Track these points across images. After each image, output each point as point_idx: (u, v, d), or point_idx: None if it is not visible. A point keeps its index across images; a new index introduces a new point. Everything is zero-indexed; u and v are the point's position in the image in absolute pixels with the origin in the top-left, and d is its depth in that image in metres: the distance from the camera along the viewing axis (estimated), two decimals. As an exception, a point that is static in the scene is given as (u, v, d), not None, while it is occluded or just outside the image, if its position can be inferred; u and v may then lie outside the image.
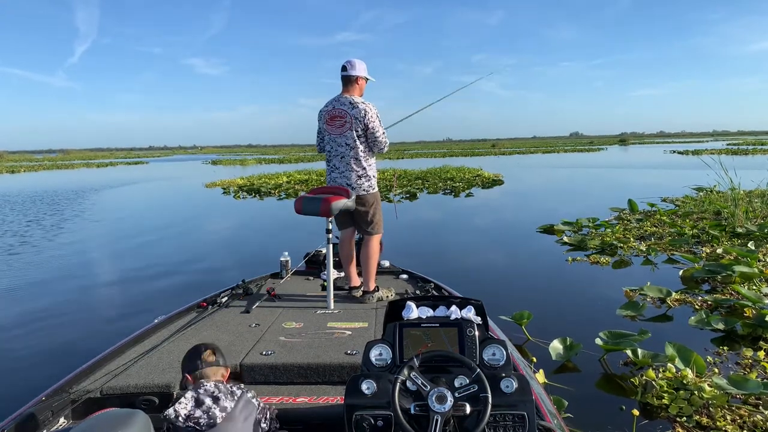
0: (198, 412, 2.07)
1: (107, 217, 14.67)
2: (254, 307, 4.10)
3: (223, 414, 2.08)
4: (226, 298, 4.33)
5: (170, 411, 2.06)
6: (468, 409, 1.79)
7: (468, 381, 1.86)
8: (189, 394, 2.12)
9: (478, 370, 1.87)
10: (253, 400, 2.22)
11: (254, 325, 3.68)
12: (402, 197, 17.57)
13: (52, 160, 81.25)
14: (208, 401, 2.10)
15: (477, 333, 2.09)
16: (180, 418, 2.05)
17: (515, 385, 1.87)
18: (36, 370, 4.51)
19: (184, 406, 2.08)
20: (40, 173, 44.51)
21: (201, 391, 2.13)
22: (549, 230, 10.38)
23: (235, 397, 2.15)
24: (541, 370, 3.94)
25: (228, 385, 2.21)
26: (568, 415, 3.39)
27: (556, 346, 4.40)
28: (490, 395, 1.79)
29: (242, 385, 2.26)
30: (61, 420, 2.65)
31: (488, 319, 2.25)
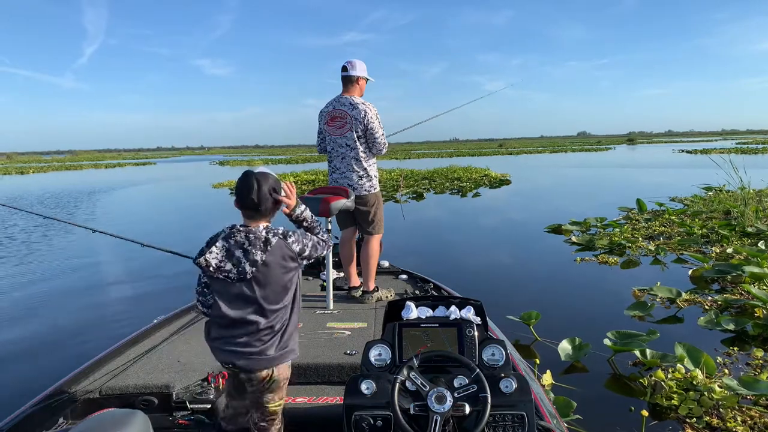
0: (228, 265, 2.05)
1: (117, 221, 14.74)
2: None
3: (254, 269, 2.04)
4: None
5: (201, 260, 2.06)
6: (467, 409, 1.77)
7: (467, 381, 1.84)
8: (220, 244, 2.08)
9: (478, 370, 1.84)
10: (294, 245, 2.12)
11: None
12: (409, 197, 17.53)
13: (61, 161, 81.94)
14: (238, 253, 2.05)
15: (476, 333, 2.07)
16: (211, 268, 2.05)
17: (514, 385, 1.85)
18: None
19: (214, 256, 2.05)
20: (49, 174, 44.86)
21: (232, 242, 2.08)
22: (557, 230, 10.31)
23: (269, 247, 2.06)
24: (548, 371, 3.89)
25: (264, 231, 2.10)
26: (578, 416, 3.34)
27: (564, 347, 4.35)
28: (489, 395, 1.77)
29: (282, 229, 2.15)
30: (61, 420, 2.64)
31: (488, 319, 2.22)
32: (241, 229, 2.12)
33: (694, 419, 3.28)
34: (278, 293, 2.13)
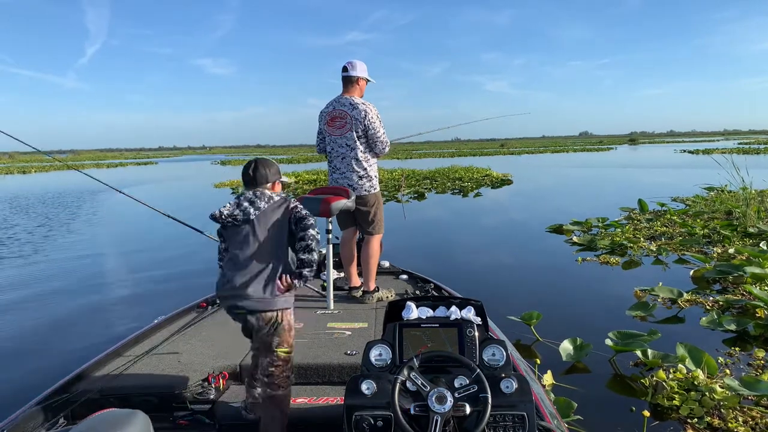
0: (236, 211, 2.50)
1: (118, 220, 14.77)
2: None
3: (257, 212, 2.48)
4: None
5: (216, 212, 2.52)
6: (468, 409, 1.77)
7: (468, 381, 1.84)
8: (232, 200, 2.55)
9: (478, 370, 1.84)
10: (293, 205, 2.54)
11: None
12: (410, 197, 17.53)
13: (63, 161, 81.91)
14: (245, 204, 2.51)
15: (477, 333, 2.06)
16: (222, 216, 2.50)
17: (515, 385, 1.85)
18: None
19: (226, 208, 2.52)
20: (51, 173, 44.85)
21: (242, 198, 2.55)
22: (558, 230, 10.29)
23: (271, 201, 2.52)
24: (549, 371, 3.88)
25: (269, 191, 2.57)
26: (579, 417, 3.33)
27: (566, 347, 4.34)
28: (489, 395, 1.77)
29: (286, 195, 2.60)
30: (61, 420, 2.63)
31: (488, 319, 2.22)
32: (252, 190, 2.57)
33: (696, 420, 3.27)
34: (274, 237, 2.49)
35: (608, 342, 4.30)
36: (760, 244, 7.82)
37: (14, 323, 5.80)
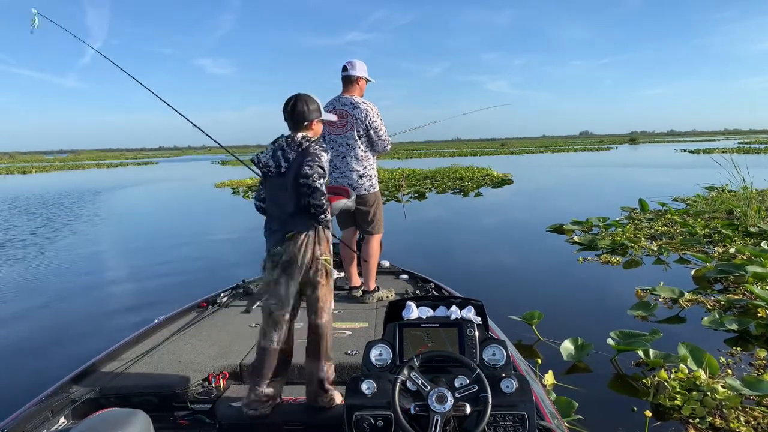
0: (271, 162, 2.58)
1: (119, 221, 14.77)
2: (254, 307, 4.07)
3: (287, 164, 2.54)
4: (226, 298, 4.31)
5: (254, 158, 2.64)
6: (468, 409, 1.76)
7: (468, 381, 1.83)
8: (269, 147, 2.63)
9: (478, 370, 1.84)
10: (322, 155, 2.54)
11: (254, 325, 3.64)
12: (411, 197, 17.52)
13: (63, 161, 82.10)
14: (278, 153, 2.58)
15: (477, 333, 2.06)
16: (260, 164, 2.61)
17: (515, 385, 1.84)
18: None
19: (264, 155, 2.62)
20: (51, 174, 44.91)
21: (276, 145, 2.61)
22: (558, 230, 10.28)
23: (300, 149, 2.55)
24: (550, 371, 3.86)
25: (301, 138, 2.58)
26: (579, 416, 3.32)
27: (567, 347, 4.33)
28: (490, 395, 1.76)
29: (314, 140, 2.60)
30: (61, 420, 2.63)
31: (488, 319, 2.21)
32: (285, 137, 2.63)
33: (697, 420, 3.26)
34: (302, 185, 2.51)
35: (610, 342, 4.30)
36: (761, 244, 7.81)
37: (16, 324, 5.80)
